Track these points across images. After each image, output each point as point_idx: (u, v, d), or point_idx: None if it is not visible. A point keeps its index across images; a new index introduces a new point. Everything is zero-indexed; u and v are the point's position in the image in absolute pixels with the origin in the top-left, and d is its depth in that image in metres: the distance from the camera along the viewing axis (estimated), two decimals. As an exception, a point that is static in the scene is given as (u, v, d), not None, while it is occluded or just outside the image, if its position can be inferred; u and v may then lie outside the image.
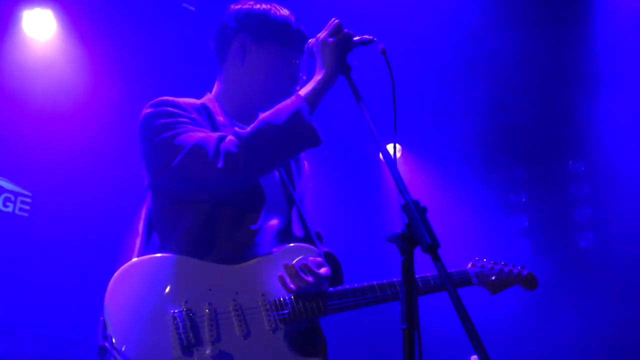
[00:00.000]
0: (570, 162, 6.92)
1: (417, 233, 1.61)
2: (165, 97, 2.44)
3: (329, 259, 2.47)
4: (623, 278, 6.03)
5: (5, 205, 5.64)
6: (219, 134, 2.26)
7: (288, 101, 2.24)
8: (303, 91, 2.26)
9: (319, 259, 2.35)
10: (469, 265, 2.79)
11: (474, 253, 6.18)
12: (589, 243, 6.69)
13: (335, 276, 2.47)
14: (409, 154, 7.20)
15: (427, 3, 5.96)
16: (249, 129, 2.22)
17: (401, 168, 1.86)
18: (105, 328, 2.03)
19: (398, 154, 6.70)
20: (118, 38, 5.92)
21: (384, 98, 2.45)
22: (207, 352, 2.05)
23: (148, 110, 2.40)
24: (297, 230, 2.50)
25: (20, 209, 5.70)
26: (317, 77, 2.27)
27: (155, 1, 5.87)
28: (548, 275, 6.03)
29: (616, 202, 6.39)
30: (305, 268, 2.25)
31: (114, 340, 1.99)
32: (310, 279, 2.24)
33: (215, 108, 2.53)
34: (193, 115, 2.40)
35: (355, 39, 2.24)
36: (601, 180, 6.60)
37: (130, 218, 5.85)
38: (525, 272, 2.84)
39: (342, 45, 2.24)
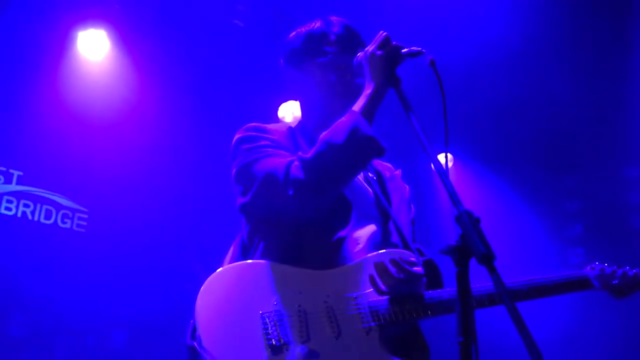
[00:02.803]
0: (625, 168, 6.74)
1: (471, 244, 1.57)
2: (253, 123, 2.52)
3: (429, 266, 2.41)
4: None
5: (63, 222, 5.79)
6: (289, 159, 2.29)
7: (344, 119, 2.23)
8: (356, 107, 2.25)
9: (412, 258, 2.31)
10: (588, 269, 2.66)
11: (528, 261, 6.09)
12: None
13: (436, 282, 2.42)
14: (459, 163, 7.12)
15: (475, 11, 5.89)
16: (311, 151, 2.23)
17: (453, 178, 1.83)
18: (194, 329, 2.06)
19: (450, 164, 6.60)
20: (168, 55, 6.04)
21: (431, 107, 2.43)
22: (297, 351, 2.05)
23: (237, 135, 2.49)
24: (395, 240, 2.48)
25: (78, 225, 5.85)
26: (367, 91, 2.26)
27: (204, 18, 5.96)
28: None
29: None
30: (395, 264, 2.21)
31: (203, 341, 2.01)
32: (401, 275, 2.20)
33: (300, 131, 2.59)
34: (275, 137, 2.46)
35: (403, 51, 2.21)
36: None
37: (182, 230, 5.95)
38: None
39: (391, 58, 2.22)
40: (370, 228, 2.43)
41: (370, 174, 2.62)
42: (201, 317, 2.06)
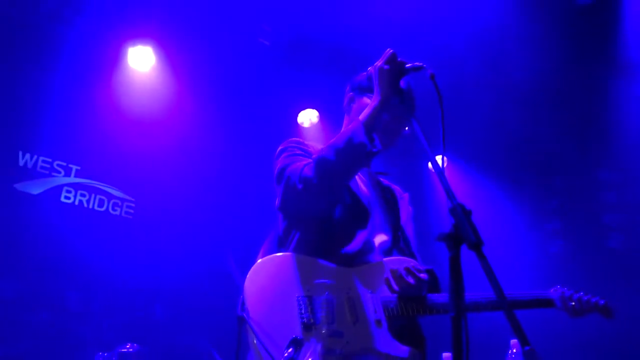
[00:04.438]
0: (602, 170, 6.65)
1: (463, 233, 1.60)
2: (295, 138, 2.63)
3: (430, 273, 2.53)
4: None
5: (114, 209, 5.87)
6: (307, 161, 2.37)
7: (349, 126, 2.29)
8: (362, 116, 2.30)
9: (420, 267, 2.42)
10: (551, 291, 2.73)
11: (509, 255, 6.03)
12: (618, 244, 6.39)
13: (435, 288, 2.55)
14: (452, 164, 7.09)
15: (461, 21, 5.76)
16: (319, 153, 2.31)
17: (448, 176, 1.85)
18: (243, 303, 2.19)
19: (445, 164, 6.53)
20: (203, 67, 6.11)
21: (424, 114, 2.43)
22: (323, 330, 2.17)
23: (280, 147, 2.58)
24: (402, 248, 2.61)
25: (126, 212, 5.92)
26: (373, 103, 2.29)
27: (235, 37, 6.02)
28: (579, 274, 5.84)
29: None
30: (408, 271, 2.33)
31: (250, 312, 2.15)
32: (411, 280, 2.31)
33: None
34: (310, 150, 2.53)
35: (407, 66, 2.23)
36: (633, 187, 6.27)
37: (214, 218, 5.98)
38: (602, 302, 2.74)
39: (396, 72, 2.24)
40: (383, 235, 2.55)
41: (387, 193, 2.72)
42: (249, 295, 2.19)
